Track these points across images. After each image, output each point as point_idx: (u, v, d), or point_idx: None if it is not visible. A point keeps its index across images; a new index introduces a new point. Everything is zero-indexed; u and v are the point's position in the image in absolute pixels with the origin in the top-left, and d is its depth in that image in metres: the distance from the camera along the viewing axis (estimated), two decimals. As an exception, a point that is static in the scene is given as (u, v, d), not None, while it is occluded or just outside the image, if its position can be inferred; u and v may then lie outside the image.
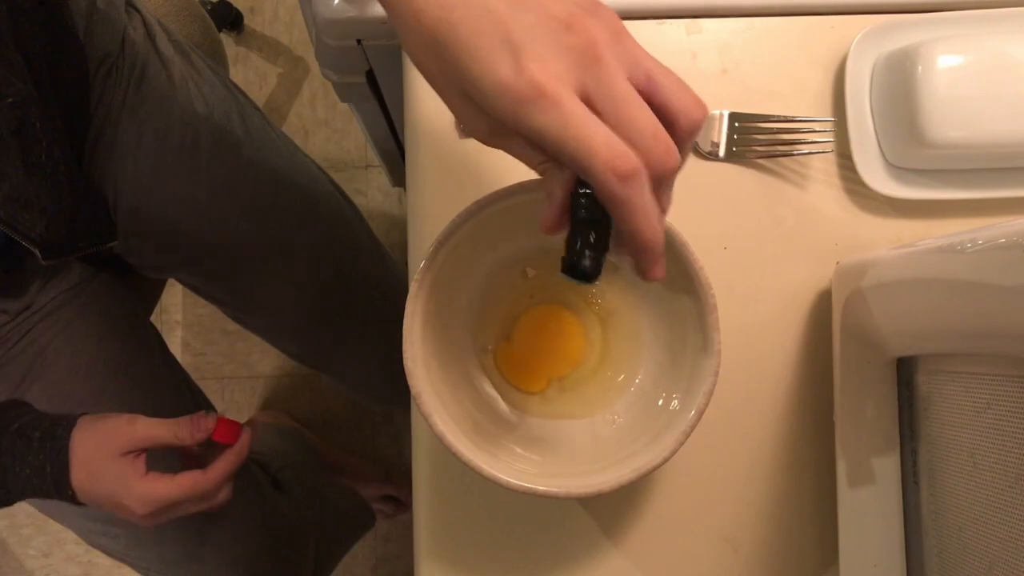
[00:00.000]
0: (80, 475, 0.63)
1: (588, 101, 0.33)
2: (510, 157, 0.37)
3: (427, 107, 0.56)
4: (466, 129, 0.36)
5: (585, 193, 0.34)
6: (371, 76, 0.69)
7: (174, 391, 0.83)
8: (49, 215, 0.63)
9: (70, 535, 0.84)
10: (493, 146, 0.36)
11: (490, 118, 0.34)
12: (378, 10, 0.56)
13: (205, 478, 0.66)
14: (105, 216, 0.72)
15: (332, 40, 0.60)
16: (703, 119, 0.34)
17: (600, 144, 0.32)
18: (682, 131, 0.34)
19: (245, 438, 0.69)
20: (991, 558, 0.40)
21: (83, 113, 0.70)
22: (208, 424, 0.65)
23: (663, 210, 0.35)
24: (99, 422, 0.64)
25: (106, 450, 0.63)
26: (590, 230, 0.35)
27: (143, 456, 0.65)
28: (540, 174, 0.36)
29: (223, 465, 0.67)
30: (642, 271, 0.36)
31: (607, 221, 0.35)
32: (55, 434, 0.63)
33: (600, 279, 0.36)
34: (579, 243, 0.35)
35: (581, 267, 0.35)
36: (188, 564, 0.81)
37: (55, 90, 0.64)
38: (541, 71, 0.32)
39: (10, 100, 0.58)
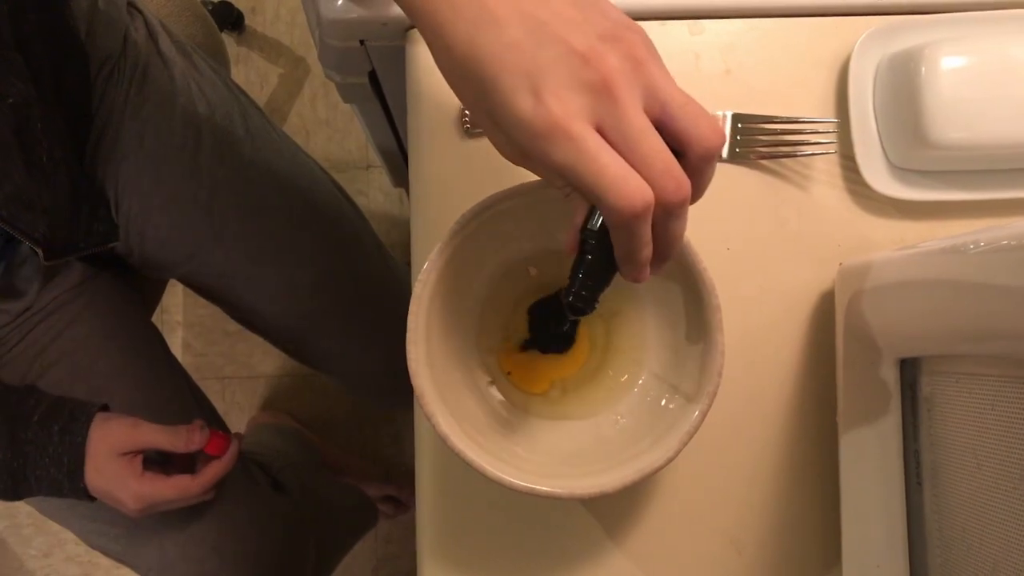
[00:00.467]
0: (88, 469, 0.68)
1: (603, 134, 0.34)
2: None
3: (430, 108, 0.56)
4: (500, 151, 0.38)
5: (593, 230, 0.37)
6: (374, 77, 0.69)
7: (175, 391, 0.83)
8: (51, 215, 0.63)
9: (70, 535, 0.84)
10: (524, 167, 0.38)
11: (518, 144, 0.35)
12: (381, 11, 0.56)
13: (195, 483, 0.73)
14: (107, 216, 0.72)
15: (335, 41, 0.60)
16: (718, 147, 0.35)
17: (613, 178, 0.33)
18: (696, 158, 0.35)
19: (233, 449, 0.77)
20: (995, 559, 0.40)
21: (85, 114, 0.70)
22: (202, 438, 0.73)
23: (678, 236, 0.37)
24: (109, 422, 0.70)
25: (110, 448, 0.69)
26: (592, 269, 0.38)
27: (140, 457, 0.71)
28: (566, 198, 0.38)
29: (212, 473, 0.75)
30: (626, 277, 0.38)
31: (612, 260, 0.37)
32: (72, 429, 0.68)
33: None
34: (579, 280, 0.38)
35: (575, 305, 0.38)
36: (187, 565, 0.81)
37: (57, 91, 0.64)
38: (558, 106, 0.33)
39: (11, 101, 0.58)
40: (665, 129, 0.35)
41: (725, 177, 0.56)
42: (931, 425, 0.46)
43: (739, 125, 0.55)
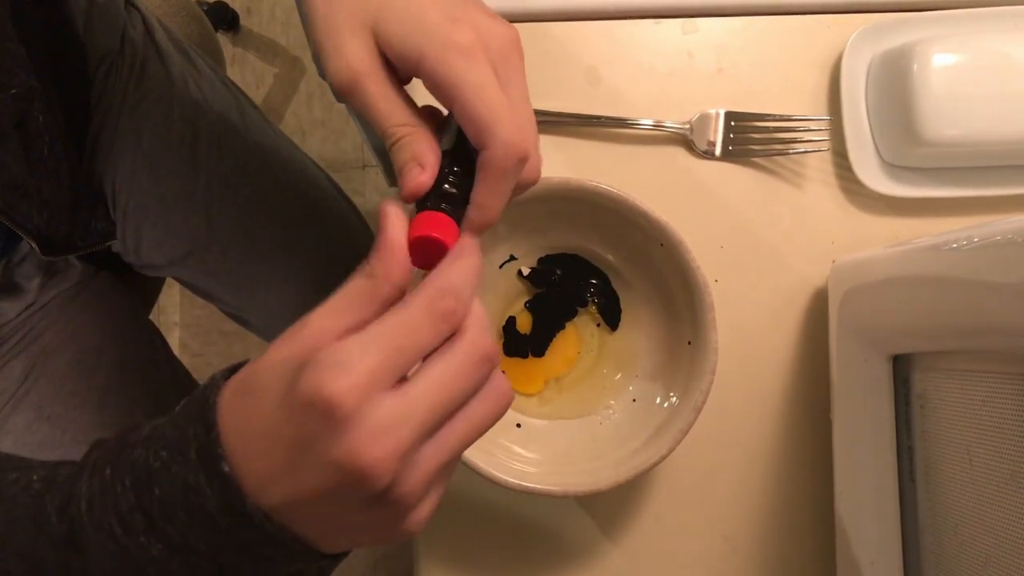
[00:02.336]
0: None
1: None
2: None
3: (424, 107, 0.56)
4: (344, 66, 0.35)
5: (455, 171, 0.36)
6: (368, 76, 0.69)
7: (177, 389, 0.83)
8: (50, 209, 0.62)
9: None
10: (356, 93, 0.36)
11: (379, 57, 0.35)
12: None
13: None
14: (105, 214, 0.72)
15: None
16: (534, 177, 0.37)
17: (508, 118, 0.34)
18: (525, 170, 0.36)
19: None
20: (987, 554, 0.40)
21: (84, 109, 0.70)
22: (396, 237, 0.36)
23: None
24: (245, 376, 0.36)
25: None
26: (455, 204, 0.35)
27: None
28: (395, 136, 0.36)
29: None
30: (471, 226, 0.37)
31: (466, 200, 0.36)
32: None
33: None
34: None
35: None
36: None
37: (57, 86, 0.64)
38: (473, 35, 0.34)
39: (13, 92, 0.58)
40: None
41: (718, 175, 0.56)
42: (924, 421, 0.46)
43: (732, 123, 0.56)
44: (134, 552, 0.32)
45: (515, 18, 0.57)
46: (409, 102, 0.37)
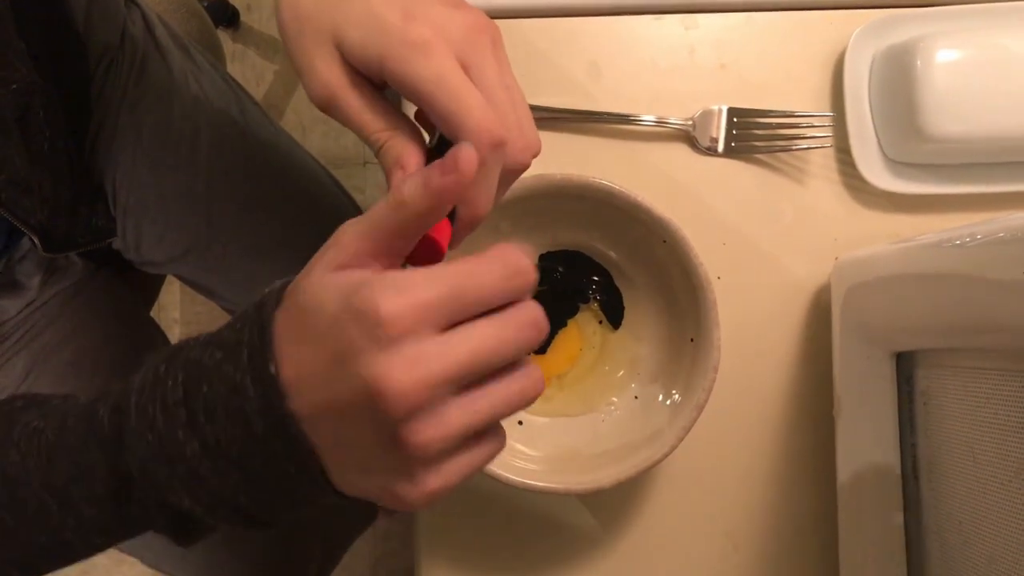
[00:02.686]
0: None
1: (466, 72, 0.34)
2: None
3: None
4: (318, 83, 0.36)
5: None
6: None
7: None
8: (51, 205, 0.62)
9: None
10: (335, 109, 0.36)
11: (350, 70, 0.35)
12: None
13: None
14: (105, 211, 0.72)
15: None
16: (538, 153, 0.37)
17: (479, 104, 0.33)
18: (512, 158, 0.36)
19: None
20: (991, 551, 0.40)
21: (84, 105, 0.70)
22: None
23: (491, 201, 0.36)
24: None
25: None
26: None
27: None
28: (378, 144, 0.37)
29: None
30: (455, 239, 0.37)
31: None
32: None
33: None
34: None
35: None
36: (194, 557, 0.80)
37: (57, 82, 0.63)
38: (431, 29, 0.34)
39: (14, 86, 0.57)
40: None
41: (721, 171, 0.56)
42: (927, 419, 0.46)
43: (734, 119, 0.55)
44: (169, 446, 0.33)
45: (516, 14, 0.57)
46: (387, 107, 0.37)
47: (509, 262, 0.32)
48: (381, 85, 0.37)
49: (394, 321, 0.29)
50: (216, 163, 0.76)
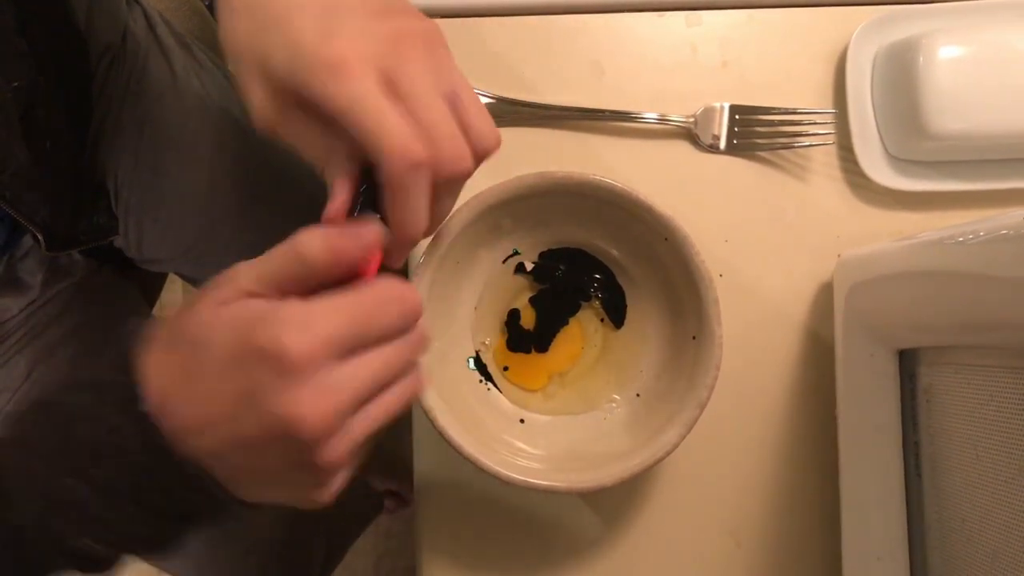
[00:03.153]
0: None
1: (391, 88, 0.34)
2: (512, 154, 0.37)
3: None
4: (257, 114, 0.36)
5: (364, 190, 0.35)
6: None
7: None
8: (53, 202, 0.63)
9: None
10: (280, 132, 0.36)
11: (283, 95, 0.35)
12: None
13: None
14: (107, 209, 0.72)
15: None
16: (493, 150, 0.36)
17: (395, 125, 0.33)
18: (473, 154, 0.35)
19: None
20: (994, 549, 0.40)
21: (86, 104, 0.70)
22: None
23: (441, 218, 0.37)
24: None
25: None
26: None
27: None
28: (321, 164, 0.37)
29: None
30: (387, 260, 0.37)
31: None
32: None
33: None
34: None
35: None
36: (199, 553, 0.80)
37: (58, 80, 0.64)
38: (348, 46, 0.33)
39: (15, 85, 0.58)
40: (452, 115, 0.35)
41: (723, 169, 0.56)
42: (930, 416, 0.46)
43: (736, 117, 0.55)
44: (56, 494, 0.33)
45: (519, 12, 0.57)
46: (324, 130, 0.36)
47: (406, 300, 0.34)
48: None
49: (299, 358, 0.30)
50: (218, 161, 0.76)
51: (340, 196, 0.36)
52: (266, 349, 0.30)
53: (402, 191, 0.34)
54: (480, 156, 0.36)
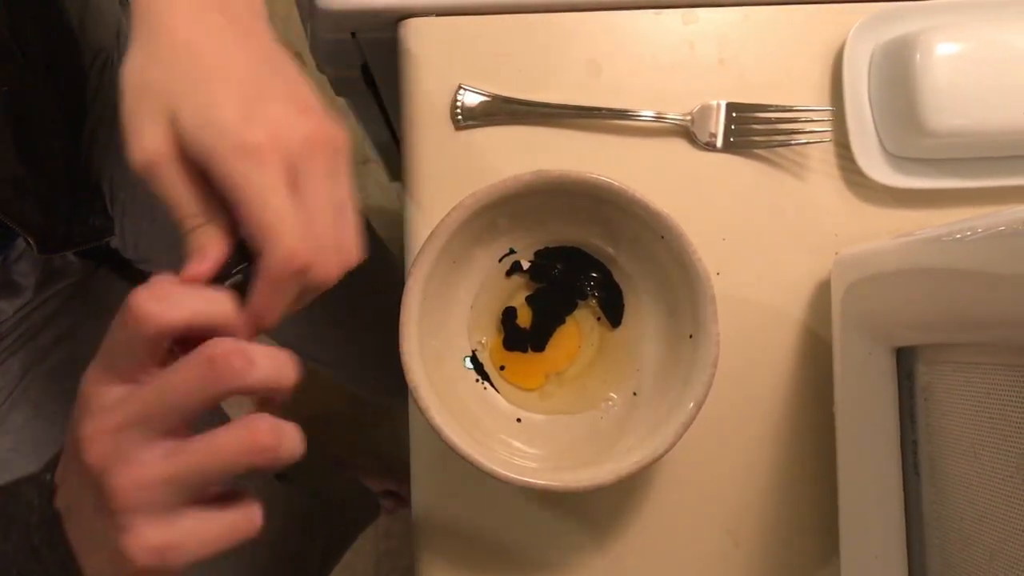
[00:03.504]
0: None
1: (293, 187, 0.34)
2: (509, 153, 0.37)
3: (422, 100, 0.56)
4: (141, 148, 0.35)
5: (241, 269, 0.36)
6: (366, 70, 0.69)
7: None
8: (47, 205, 0.62)
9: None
10: (151, 178, 0.36)
11: (177, 146, 0.34)
12: (373, 2, 0.55)
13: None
14: (102, 210, 0.72)
15: (327, 33, 0.60)
16: (353, 266, 0.37)
17: (291, 227, 0.33)
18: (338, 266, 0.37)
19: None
20: (992, 548, 0.40)
21: (80, 106, 0.70)
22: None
23: (294, 308, 0.37)
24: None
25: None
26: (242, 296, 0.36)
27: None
28: (186, 228, 0.36)
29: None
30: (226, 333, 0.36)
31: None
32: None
33: None
34: None
35: None
36: None
37: (52, 83, 0.63)
38: (266, 134, 0.33)
39: (6, 88, 0.57)
40: None
41: (720, 167, 0.55)
42: (928, 414, 0.46)
43: (733, 114, 0.55)
44: None
45: (515, 10, 0.56)
46: (205, 191, 0.36)
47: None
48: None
49: (117, 495, 0.32)
50: None
51: (207, 264, 0.36)
52: (96, 483, 0.33)
53: (275, 288, 0.34)
54: (344, 270, 0.37)
